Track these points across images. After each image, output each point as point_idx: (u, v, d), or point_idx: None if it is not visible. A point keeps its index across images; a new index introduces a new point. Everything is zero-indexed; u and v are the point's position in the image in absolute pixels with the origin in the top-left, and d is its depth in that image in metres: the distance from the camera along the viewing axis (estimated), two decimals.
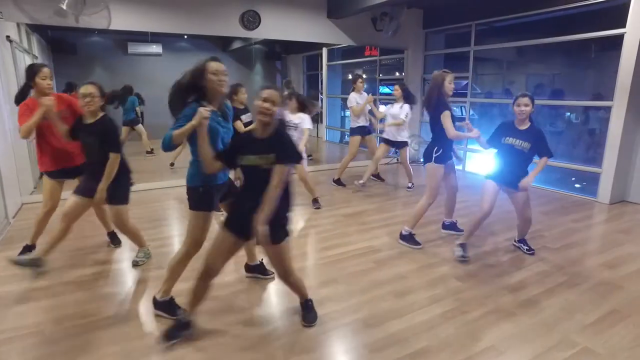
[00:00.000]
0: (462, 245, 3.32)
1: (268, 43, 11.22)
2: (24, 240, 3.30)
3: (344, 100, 9.35)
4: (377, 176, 5.98)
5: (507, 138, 3.22)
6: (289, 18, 6.17)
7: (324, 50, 10.08)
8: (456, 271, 3.13)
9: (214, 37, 10.00)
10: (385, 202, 5.06)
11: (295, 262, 3.21)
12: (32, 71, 3.02)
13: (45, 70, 3.05)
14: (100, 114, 2.90)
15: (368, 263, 3.28)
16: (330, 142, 10.78)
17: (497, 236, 3.87)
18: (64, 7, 4.46)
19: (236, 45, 10.56)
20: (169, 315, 2.42)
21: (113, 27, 5.13)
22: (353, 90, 5.62)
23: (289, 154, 2.06)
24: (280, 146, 2.04)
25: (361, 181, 5.46)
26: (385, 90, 8.70)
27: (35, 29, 7.28)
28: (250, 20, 5.85)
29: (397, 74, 8.32)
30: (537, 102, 3.23)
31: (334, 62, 9.95)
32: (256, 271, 2.99)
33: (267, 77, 11.71)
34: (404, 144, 5.53)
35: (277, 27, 6.12)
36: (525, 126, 3.19)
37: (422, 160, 4.41)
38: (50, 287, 2.86)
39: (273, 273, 2.92)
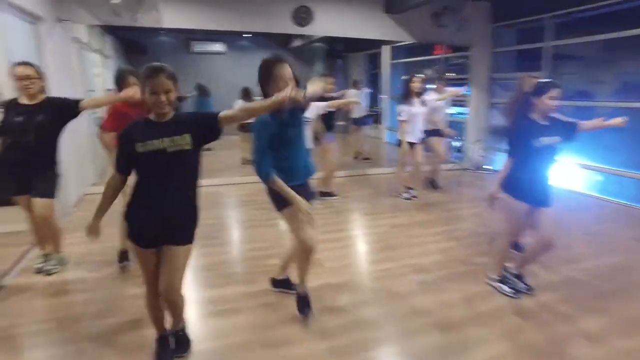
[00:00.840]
0: (517, 276, 2.80)
1: (329, 41, 11.01)
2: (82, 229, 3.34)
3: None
4: (431, 182, 5.51)
5: (542, 138, 2.51)
6: (343, 14, 5.88)
7: (385, 48, 9.66)
8: (515, 305, 2.66)
9: (274, 34, 9.97)
10: (443, 213, 4.59)
11: (331, 275, 2.99)
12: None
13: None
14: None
15: (412, 284, 2.91)
16: (392, 144, 10.30)
17: (575, 263, 3.28)
18: (116, 0, 4.53)
19: (297, 43, 10.48)
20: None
21: (165, 25, 5.17)
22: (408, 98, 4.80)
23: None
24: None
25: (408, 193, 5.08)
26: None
27: (110, 30, 7.70)
28: (302, 16, 5.64)
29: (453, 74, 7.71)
30: (630, 104, 2.63)
31: (397, 61, 9.48)
32: (284, 286, 2.75)
33: (327, 75, 11.50)
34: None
35: (330, 23, 5.86)
36: (546, 120, 2.58)
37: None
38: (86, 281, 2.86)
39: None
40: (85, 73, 5.71)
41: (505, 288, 2.76)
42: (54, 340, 2.25)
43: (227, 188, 5.53)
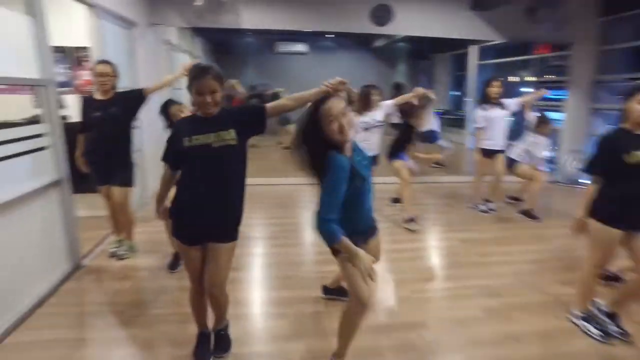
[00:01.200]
0: (609, 316, 2.36)
1: (414, 41, 10.62)
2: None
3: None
4: (513, 197, 4.98)
5: (635, 152, 2.06)
6: (425, 12, 5.57)
7: (473, 48, 9.02)
8: (603, 351, 2.24)
9: (356, 34, 9.91)
10: (523, 230, 4.11)
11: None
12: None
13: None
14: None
15: (476, 309, 2.61)
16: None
17: None
18: (199, 2, 4.74)
19: (380, 43, 10.27)
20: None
21: (244, 26, 5.31)
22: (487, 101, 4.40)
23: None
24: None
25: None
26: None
27: (199, 32, 8.21)
28: (381, 15, 5.45)
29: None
30: None
31: (485, 62, 8.81)
32: (336, 294, 2.63)
33: (410, 77, 11.13)
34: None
35: (411, 22, 5.58)
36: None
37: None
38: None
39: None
40: (174, 72, 6.10)
41: (591, 328, 2.34)
42: (109, 323, 2.39)
43: (300, 188, 5.48)
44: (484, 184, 4.68)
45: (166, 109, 2.89)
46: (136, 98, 3.09)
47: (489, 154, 4.45)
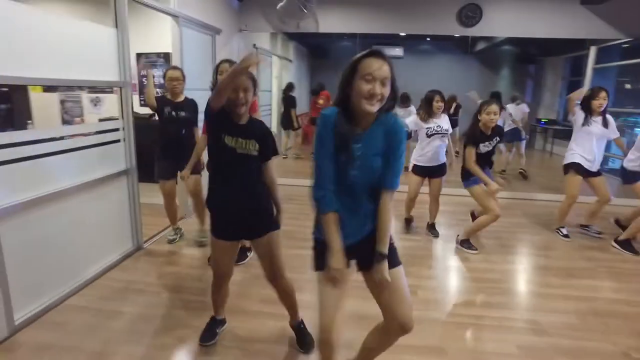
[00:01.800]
0: None
1: (520, 43, 9.68)
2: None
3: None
4: (616, 222, 4.22)
5: None
6: (521, 9, 5.05)
7: (592, 50, 7.85)
8: None
9: (457, 37, 9.40)
10: (609, 263, 3.48)
11: (416, 305, 2.60)
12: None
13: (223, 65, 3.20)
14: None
15: (508, 345, 2.29)
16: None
17: None
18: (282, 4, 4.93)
19: (481, 45, 9.58)
20: None
21: (322, 30, 5.40)
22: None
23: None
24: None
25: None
26: None
27: (294, 37, 8.59)
28: (470, 15, 5.09)
29: None
30: None
31: (602, 65, 7.60)
32: None
33: (516, 82, 10.16)
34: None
35: (502, 21, 5.12)
36: None
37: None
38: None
39: None
40: (262, 75, 6.49)
41: None
42: (151, 303, 2.64)
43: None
44: (572, 206, 4.06)
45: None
46: (198, 108, 3.45)
47: (584, 172, 3.85)
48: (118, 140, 3.18)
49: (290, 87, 7.58)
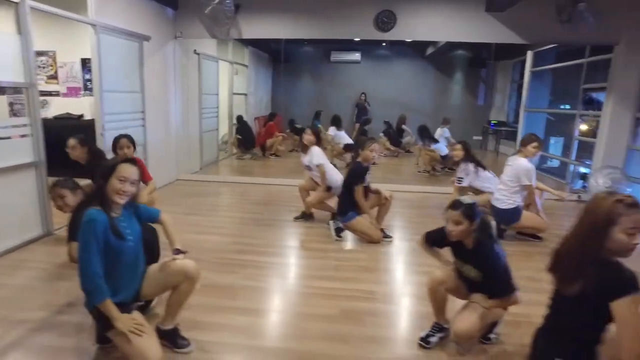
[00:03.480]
0: None
1: (473, 48, 10.08)
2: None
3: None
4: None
5: None
6: (432, 15, 5.41)
7: (529, 54, 8.21)
8: None
9: (412, 43, 9.80)
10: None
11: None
12: None
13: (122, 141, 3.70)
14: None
15: (334, 309, 2.61)
16: None
17: None
18: (207, 11, 5.27)
19: (435, 51, 9.96)
20: None
21: (245, 36, 5.78)
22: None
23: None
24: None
25: None
26: None
27: (250, 43, 8.95)
28: (385, 20, 5.44)
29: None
30: None
31: (537, 68, 7.97)
32: None
33: (468, 86, 10.54)
34: None
35: (416, 26, 5.47)
36: None
37: None
38: None
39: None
40: (206, 79, 6.83)
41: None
42: (35, 277, 2.96)
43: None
44: None
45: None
46: None
47: None
48: (26, 135, 3.53)
49: (241, 117, 8.22)
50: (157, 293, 2.19)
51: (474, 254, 2.04)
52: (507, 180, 3.76)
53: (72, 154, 3.70)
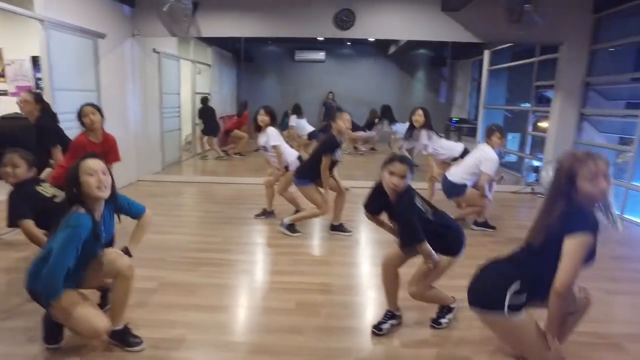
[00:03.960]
0: None
1: (434, 47, 10.36)
2: None
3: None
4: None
5: None
6: (390, 14, 5.53)
7: (486, 53, 8.53)
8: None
9: (376, 42, 9.94)
10: None
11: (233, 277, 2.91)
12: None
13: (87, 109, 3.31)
14: None
15: (291, 302, 2.64)
16: None
17: None
18: (165, 9, 5.17)
19: (397, 50, 10.16)
20: None
21: (204, 35, 5.72)
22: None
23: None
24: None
25: None
26: None
27: (213, 42, 8.84)
28: (344, 19, 5.52)
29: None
30: None
31: (496, 67, 8.29)
32: None
33: (430, 84, 10.83)
34: None
35: (375, 25, 5.57)
36: None
37: None
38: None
39: None
40: (166, 78, 6.70)
41: None
42: None
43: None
44: None
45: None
46: None
47: None
48: None
49: (206, 98, 8.00)
50: (91, 283, 2.11)
51: (395, 208, 2.14)
52: (469, 161, 3.94)
53: (24, 108, 3.52)
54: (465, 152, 4.44)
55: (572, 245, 1.51)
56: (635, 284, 3.00)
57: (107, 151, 3.33)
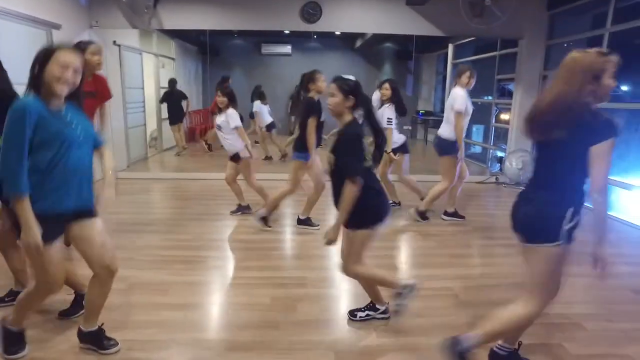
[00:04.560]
0: None
1: (400, 41, 10.47)
2: None
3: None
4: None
5: None
6: (355, 8, 5.56)
7: (450, 47, 8.75)
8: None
9: (343, 35, 9.95)
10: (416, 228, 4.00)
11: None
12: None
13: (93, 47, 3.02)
14: None
15: (265, 297, 2.62)
16: None
17: None
18: (125, 1, 4.97)
19: (363, 43, 10.22)
20: None
21: (166, 27, 5.56)
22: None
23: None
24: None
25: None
26: None
27: (178, 34, 8.58)
28: (311, 12, 5.50)
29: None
30: None
31: (459, 60, 8.52)
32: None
33: (396, 78, 10.92)
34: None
35: (341, 18, 5.60)
36: None
37: None
38: None
39: None
40: (129, 72, 6.45)
41: None
42: None
43: None
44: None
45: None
46: None
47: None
48: None
49: (174, 81, 7.65)
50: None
51: (336, 141, 2.08)
52: (446, 112, 3.97)
53: None
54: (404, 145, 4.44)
55: (606, 149, 1.55)
56: None
57: (99, 89, 3.19)
